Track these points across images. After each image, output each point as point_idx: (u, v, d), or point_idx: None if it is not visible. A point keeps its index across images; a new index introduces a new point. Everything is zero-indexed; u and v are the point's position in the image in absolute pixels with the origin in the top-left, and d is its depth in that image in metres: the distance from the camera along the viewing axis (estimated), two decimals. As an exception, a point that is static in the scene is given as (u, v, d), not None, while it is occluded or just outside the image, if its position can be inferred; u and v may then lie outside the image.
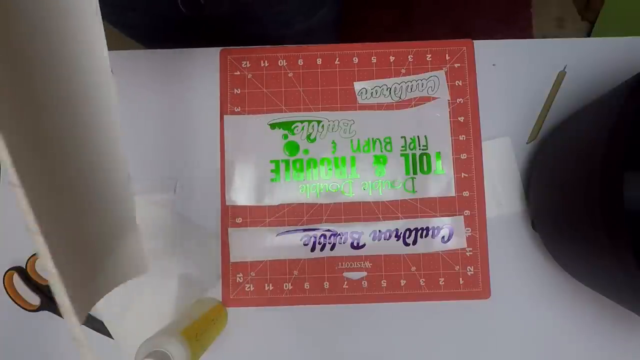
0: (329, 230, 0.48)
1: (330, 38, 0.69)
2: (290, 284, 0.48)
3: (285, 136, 0.49)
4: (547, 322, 0.48)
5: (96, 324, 0.48)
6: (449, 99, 0.50)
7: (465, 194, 0.49)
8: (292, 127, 0.49)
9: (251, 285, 0.48)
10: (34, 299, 0.48)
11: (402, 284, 0.48)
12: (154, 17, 0.56)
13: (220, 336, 0.47)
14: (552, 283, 0.48)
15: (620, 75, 0.39)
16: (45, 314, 0.48)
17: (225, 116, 0.50)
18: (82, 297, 0.25)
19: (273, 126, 0.49)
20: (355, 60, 0.50)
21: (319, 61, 0.50)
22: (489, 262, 0.48)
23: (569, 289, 0.48)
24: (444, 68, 0.50)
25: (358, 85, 0.50)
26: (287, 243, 0.48)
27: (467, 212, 0.49)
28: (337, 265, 0.48)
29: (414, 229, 0.48)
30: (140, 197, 0.46)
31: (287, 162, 0.49)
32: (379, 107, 0.50)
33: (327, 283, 0.48)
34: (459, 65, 0.50)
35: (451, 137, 0.49)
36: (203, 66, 0.50)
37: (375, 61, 0.50)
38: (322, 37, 0.66)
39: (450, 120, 0.49)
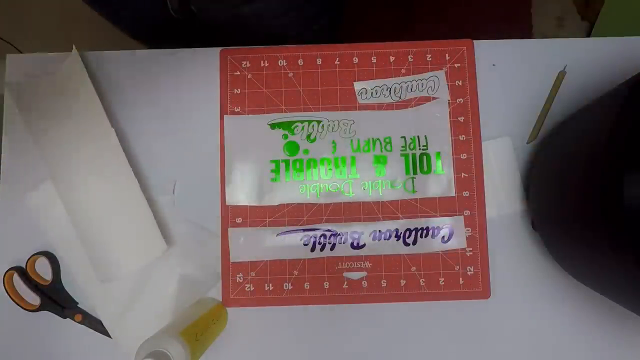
0: (329, 230, 0.48)
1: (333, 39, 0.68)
2: (290, 284, 0.48)
3: (285, 136, 0.49)
4: (547, 322, 0.48)
5: (96, 324, 0.48)
6: (449, 99, 0.50)
7: (465, 194, 0.49)
8: (292, 127, 0.49)
9: (251, 285, 0.48)
10: (34, 299, 0.48)
11: (402, 284, 0.48)
12: (147, 18, 0.56)
13: (220, 336, 0.47)
14: (552, 283, 0.48)
15: (620, 75, 0.39)
16: (45, 314, 0.48)
17: (225, 116, 0.50)
18: None
19: (273, 126, 0.49)
20: (355, 60, 0.50)
21: (319, 61, 0.50)
22: (489, 262, 0.48)
23: (569, 288, 0.48)
24: (444, 68, 0.50)
25: (358, 85, 0.50)
26: (287, 243, 0.48)
27: (467, 212, 0.49)
28: (337, 265, 0.48)
29: (414, 229, 0.48)
30: (140, 198, 0.47)
31: (287, 162, 0.49)
32: (379, 107, 0.50)
33: (327, 283, 0.48)
34: (459, 65, 0.50)
35: (451, 137, 0.49)
36: (203, 66, 0.50)
37: (375, 61, 0.50)
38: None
39: (450, 120, 0.49)
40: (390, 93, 0.50)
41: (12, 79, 0.49)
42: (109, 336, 0.47)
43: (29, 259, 0.48)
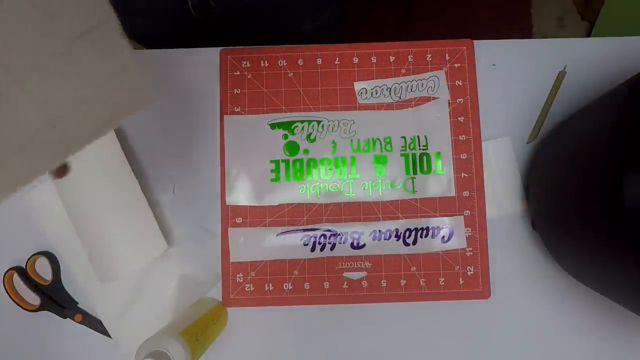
0: (329, 230, 0.48)
1: (336, 36, 0.70)
2: (290, 284, 0.48)
3: (285, 136, 0.49)
4: (547, 322, 0.48)
5: (96, 324, 0.48)
6: (449, 99, 0.50)
7: (465, 194, 0.49)
8: (292, 127, 0.49)
9: (251, 285, 0.48)
10: (34, 299, 0.48)
11: (402, 284, 0.48)
12: (164, 22, 0.56)
13: (220, 336, 0.47)
14: (552, 283, 0.48)
15: (620, 75, 0.39)
16: (45, 314, 0.48)
17: (225, 116, 0.50)
18: None
19: (273, 126, 0.49)
20: (355, 60, 0.50)
21: (319, 61, 0.50)
22: (489, 262, 0.48)
23: (569, 289, 0.48)
24: (444, 68, 0.50)
25: (358, 85, 0.50)
26: (287, 243, 0.48)
27: (467, 212, 0.49)
28: (337, 265, 0.48)
29: (414, 229, 0.48)
30: (140, 198, 0.47)
31: (287, 162, 0.49)
32: (379, 107, 0.50)
33: (327, 283, 0.48)
34: (459, 65, 0.50)
35: (451, 137, 0.49)
36: (203, 66, 0.50)
37: (375, 61, 0.50)
38: (329, 36, 0.67)
39: (450, 120, 0.49)
40: (390, 93, 0.50)
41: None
42: (109, 336, 0.47)
43: (29, 259, 0.48)
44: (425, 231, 0.48)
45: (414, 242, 0.48)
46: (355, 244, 0.48)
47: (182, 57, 0.51)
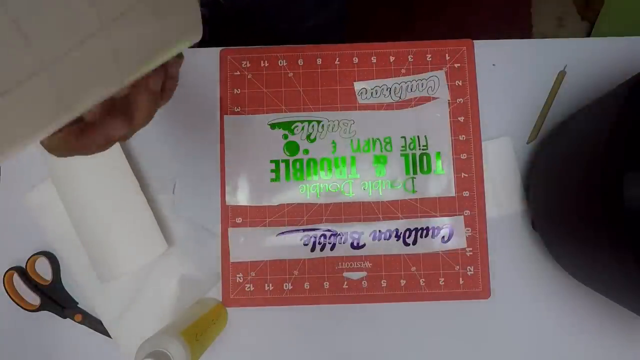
0: (329, 230, 0.48)
1: (337, 36, 0.70)
2: (290, 284, 0.48)
3: (285, 136, 0.49)
4: (547, 322, 0.48)
5: (96, 324, 0.48)
6: (449, 99, 0.50)
7: (465, 194, 0.49)
8: (292, 127, 0.49)
9: (251, 285, 0.48)
10: (34, 299, 0.48)
11: (402, 284, 0.48)
12: None
13: (220, 336, 0.47)
14: (552, 283, 0.48)
15: (620, 75, 0.39)
16: (45, 314, 0.48)
17: (225, 116, 0.50)
18: None
19: (273, 126, 0.49)
20: (355, 60, 0.50)
21: (319, 61, 0.50)
22: (489, 262, 0.48)
23: (569, 288, 0.48)
24: (444, 68, 0.50)
25: (358, 85, 0.50)
26: (287, 243, 0.48)
27: (467, 212, 0.49)
28: (337, 265, 0.48)
29: (414, 228, 0.48)
30: (140, 198, 0.47)
31: (287, 162, 0.49)
32: (379, 107, 0.50)
33: (327, 283, 0.48)
34: (459, 65, 0.50)
35: (451, 137, 0.49)
36: (203, 66, 0.50)
37: (375, 61, 0.50)
38: (330, 36, 0.67)
39: (450, 120, 0.49)
40: (390, 93, 0.50)
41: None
42: (109, 336, 0.47)
43: (29, 259, 0.48)
44: (425, 231, 0.48)
45: (414, 242, 0.48)
46: (355, 244, 0.48)
47: (182, 57, 0.51)
